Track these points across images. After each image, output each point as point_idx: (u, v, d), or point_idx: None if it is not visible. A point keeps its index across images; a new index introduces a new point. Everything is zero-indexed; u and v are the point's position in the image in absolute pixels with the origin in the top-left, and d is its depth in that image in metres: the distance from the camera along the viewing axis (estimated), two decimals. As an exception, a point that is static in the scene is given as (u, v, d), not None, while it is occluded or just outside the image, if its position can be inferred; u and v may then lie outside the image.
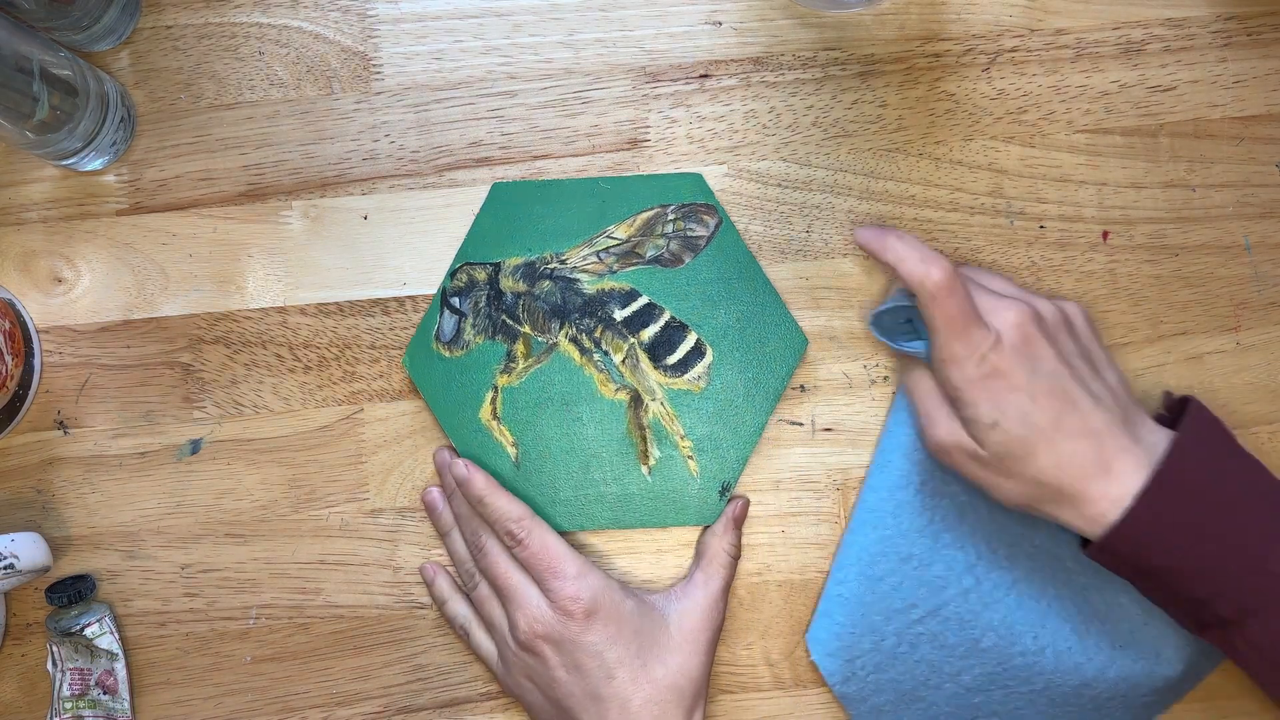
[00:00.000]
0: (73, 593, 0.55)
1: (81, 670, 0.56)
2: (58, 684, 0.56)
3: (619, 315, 0.57)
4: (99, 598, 0.58)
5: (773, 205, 0.58)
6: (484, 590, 0.55)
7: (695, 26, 0.59)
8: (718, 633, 0.54)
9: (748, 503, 0.57)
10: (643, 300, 0.57)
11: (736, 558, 0.56)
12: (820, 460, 0.58)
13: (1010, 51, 0.58)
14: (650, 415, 0.57)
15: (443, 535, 0.57)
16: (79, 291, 0.59)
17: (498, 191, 0.58)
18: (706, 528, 0.57)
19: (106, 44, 0.58)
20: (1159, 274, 0.58)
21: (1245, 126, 0.58)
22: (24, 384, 0.57)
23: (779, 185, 0.58)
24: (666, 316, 0.57)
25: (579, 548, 0.57)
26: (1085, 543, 0.51)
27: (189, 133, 0.59)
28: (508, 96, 0.59)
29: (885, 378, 0.58)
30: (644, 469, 0.57)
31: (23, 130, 0.53)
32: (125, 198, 0.59)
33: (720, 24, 0.59)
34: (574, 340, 0.57)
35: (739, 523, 0.57)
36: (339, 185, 0.59)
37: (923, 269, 0.50)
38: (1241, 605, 0.47)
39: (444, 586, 0.57)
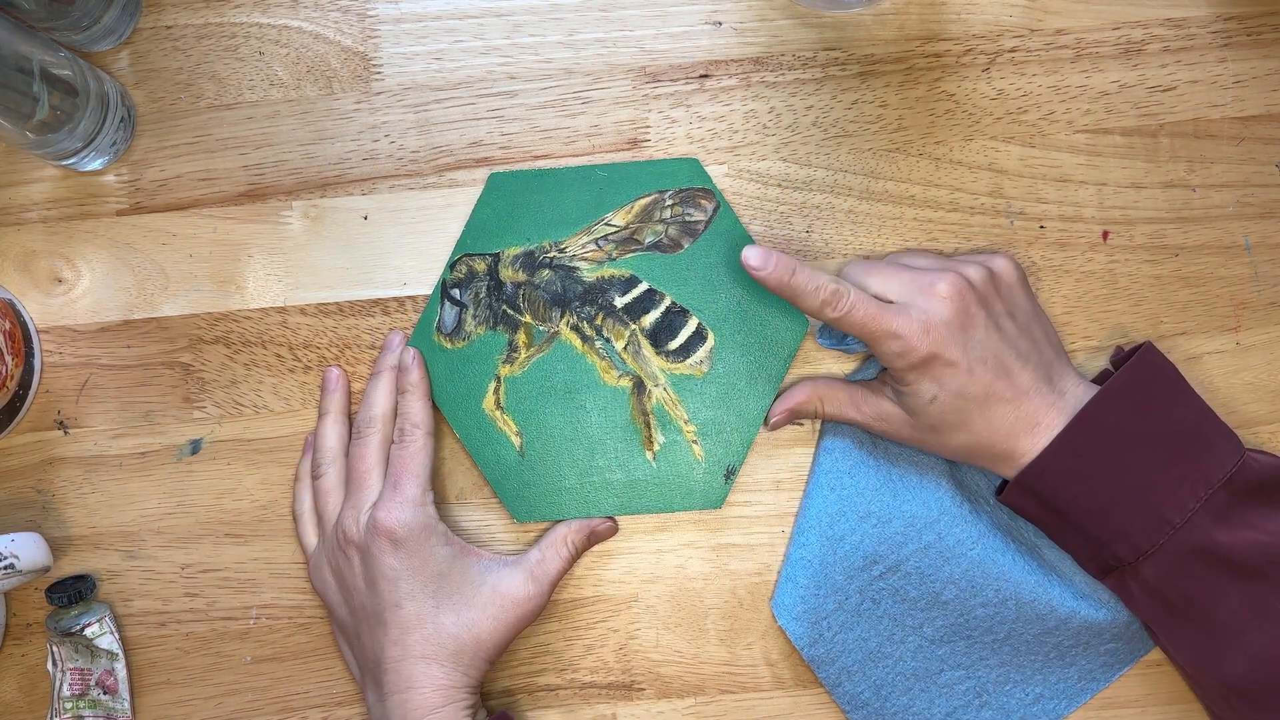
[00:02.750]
0: (73, 593, 0.55)
1: (81, 670, 0.56)
2: (58, 684, 0.56)
3: (620, 302, 0.57)
4: (99, 598, 0.58)
5: (773, 205, 0.58)
6: (328, 483, 0.56)
7: (695, 26, 0.59)
8: (529, 617, 0.54)
9: (613, 529, 0.57)
10: (643, 286, 0.57)
11: (575, 554, 0.56)
12: (820, 460, 0.58)
13: (1010, 51, 0.58)
14: (653, 401, 0.57)
15: (321, 415, 0.58)
16: (79, 291, 0.59)
17: (495, 182, 0.58)
18: (559, 521, 0.57)
19: (106, 44, 0.58)
20: (1159, 274, 0.58)
21: (1245, 126, 0.58)
22: (24, 384, 0.57)
23: (779, 185, 0.58)
24: (667, 302, 0.57)
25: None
26: (1000, 491, 0.53)
27: (189, 133, 0.59)
28: (508, 96, 0.59)
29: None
30: (649, 455, 0.57)
31: (23, 130, 0.53)
32: (125, 198, 0.59)
33: (720, 24, 0.59)
34: (575, 328, 0.57)
35: (594, 534, 0.56)
36: (339, 185, 0.59)
37: (816, 303, 0.51)
38: (1136, 547, 0.50)
39: (304, 468, 0.58)
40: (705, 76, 0.59)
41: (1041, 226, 0.58)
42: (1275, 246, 0.58)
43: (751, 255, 0.51)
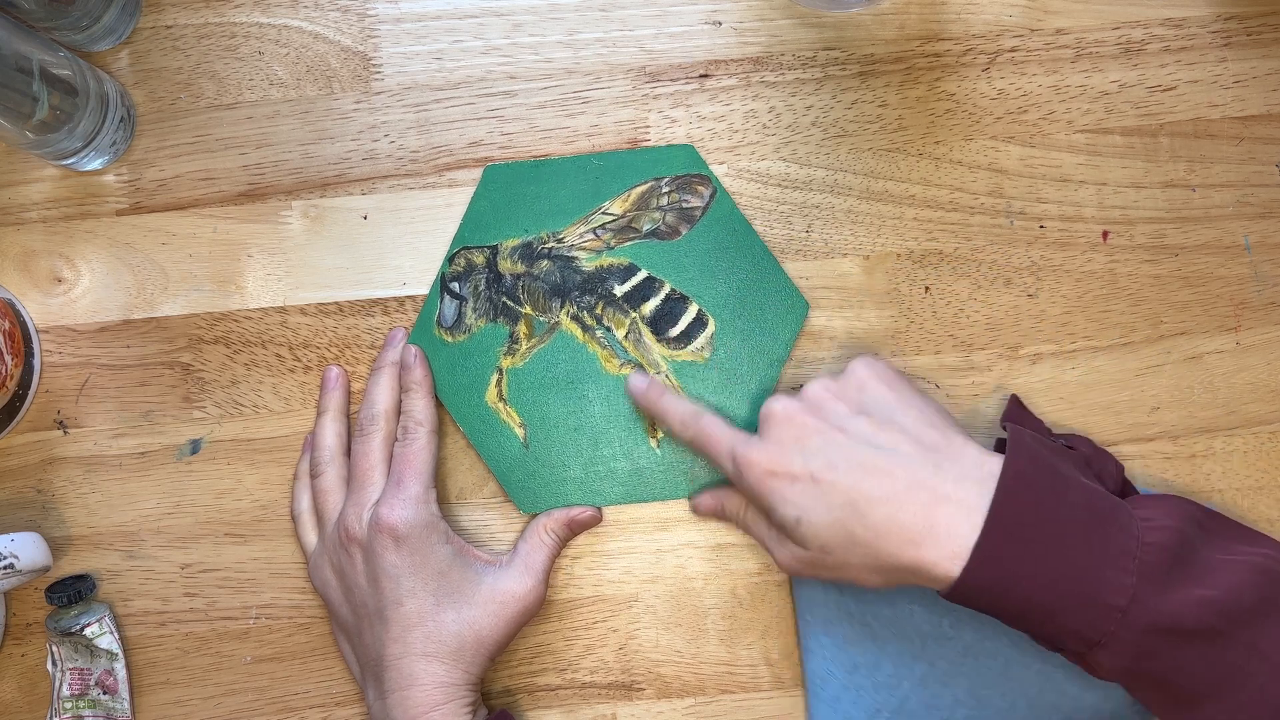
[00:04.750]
0: (73, 593, 0.55)
1: (81, 670, 0.56)
2: (58, 684, 0.56)
3: (619, 291, 0.57)
4: (99, 598, 0.58)
5: (773, 205, 0.58)
6: (326, 482, 0.56)
7: (695, 26, 0.59)
8: (529, 612, 0.54)
9: (595, 518, 0.57)
10: (642, 274, 0.57)
11: (559, 541, 0.56)
12: (820, 460, 0.58)
13: (1010, 51, 0.58)
14: None
15: (319, 413, 0.57)
16: (79, 291, 0.59)
17: (491, 174, 0.58)
18: (534, 515, 0.57)
19: (106, 44, 0.58)
20: (1159, 274, 0.58)
21: (1245, 126, 0.58)
22: (24, 384, 0.57)
23: (779, 185, 0.58)
24: (667, 289, 0.57)
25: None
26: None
27: (189, 133, 0.59)
28: (508, 96, 0.59)
29: (885, 378, 0.58)
30: (652, 442, 0.57)
31: (23, 130, 0.53)
32: (125, 198, 0.59)
33: (720, 24, 0.59)
34: (575, 318, 0.57)
35: (573, 522, 0.56)
36: (339, 185, 0.59)
37: (679, 420, 0.53)
38: (1085, 638, 0.46)
39: (303, 468, 0.58)
40: (705, 76, 0.59)
41: (1041, 226, 0.58)
42: (1275, 246, 0.58)
43: (633, 379, 0.56)
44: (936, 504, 0.46)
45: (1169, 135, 0.58)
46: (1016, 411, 0.55)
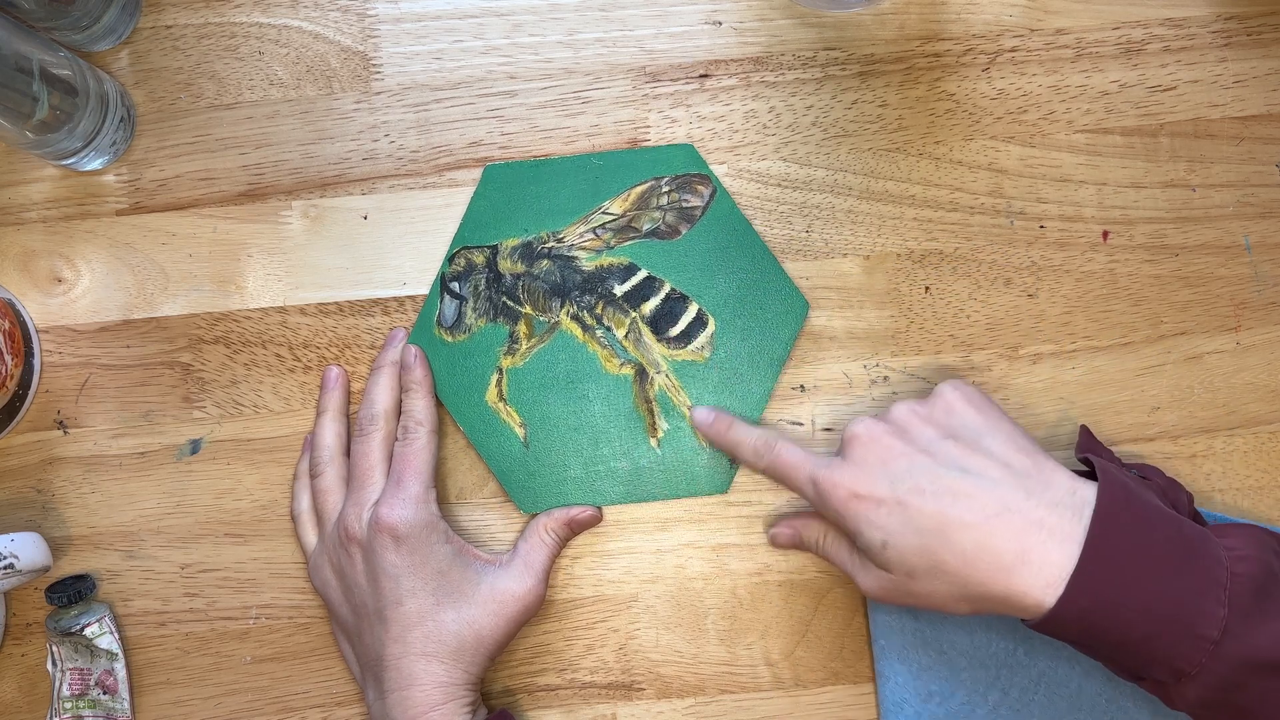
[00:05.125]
0: (73, 593, 0.55)
1: (81, 670, 0.56)
2: (58, 684, 0.56)
3: (619, 290, 0.57)
4: (99, 598, 0.58)
5: (773, 205, 0.58)
6: (326, 482, 0.56)
7: (695, 26, 0.59)
8: (528, 611, 0.54)
9: (595, 517, 0.57)
10: (642, 274, 0.57)
11: (559, 541, 0.56)
12: (820, 460, 0.58)
13: (1010, 51, 0.58)
14: (656, 388, 0.57)
15: (319, 413, 0.57)
16: (79, 291, 0.59)
17: (491, 173, 0.58)
18: (535, 515, 0.57)
19: (106, 44, 0.58)
20: (1159, 274, 0.58)
21: (1245, 126, 0.58)
22: (24, 384, 0.57)
23: (779, 185, 0.58)
24: (667, 289, 0.57)
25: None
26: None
27: (189, 133, 0.59)
28: (508, 96, 0.59)
29: (885, 378, 0.58)
30: (653, 442, 0.57)
31: (23, 130, 0.53)
32: (125, 198, 0.59)
33: (720, 24, 0.59)
34: (575, 318, 0.57)
35: (573, 522, 0.56)
36: (339, 185, 0.59)
37: (753, 450, 0.53)
38: (1174, 669, 0.45)
39: (303, 468, 0.58)
40: (705, 76, 0.59)
41: (1041, 226, 0.58)
42: (1275, 246, 0.58)
43: (699, 413, 0.56)
44: (1029, 531, 0.45)
45: (1169, 135, 0.58)
46: (1089, 442, 0.54)
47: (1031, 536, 0.45)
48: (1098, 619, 0.45)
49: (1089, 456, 0.50)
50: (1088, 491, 0.47)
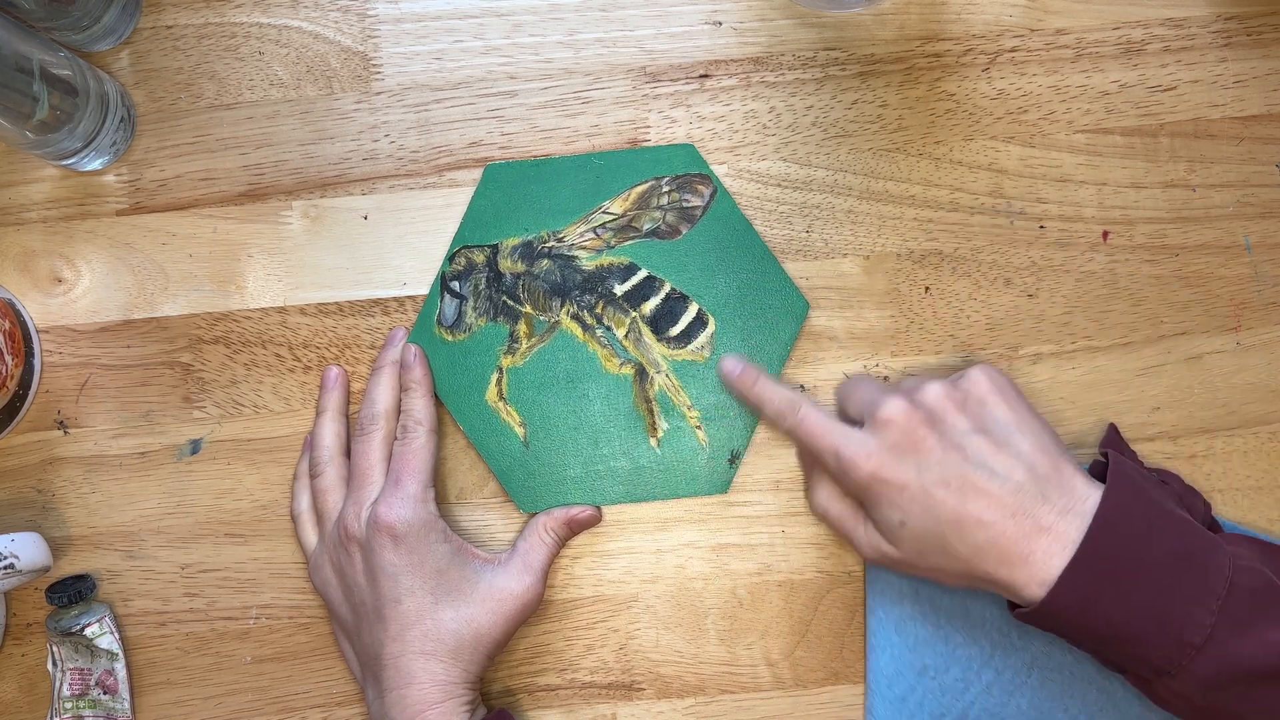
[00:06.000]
0: (73, 593, 0.55)
1: (81, 670, 0.56)
2: (58, 684, 0.56)
3: (619, 290, 0.57)
4: (99, 598, 0.58)
5: (773, 205, 0.58)
6: (326, 481, 0.56)
7: (695, 26, 0.59)
8: (527, 610, 0.54)
9: (595, 517, 0.57)
10: (642, 274, 0.57)
11: (558, 540, 0.56)
12: (820, 460, 0.58)
13: (1010, 51, 0.58)
14: (656, 388, 0.57)
15: (318, 413, 0.57)
16: (79, 291, 0.59)
17: (492, 173, 0.58)
18: (534, 514, 0.57)
19: (106, 44, 0.58)
20: (1159, 274, 0.58)
21: (1245, 126, 0.58)
22: (24, 384, 0.57)
23: (779, 185, 0.58)
24: (667, 288, 0.57)
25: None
26: (1013, 604, 0.50)
27: (189, 133, 0.59)
28: (508, 96, 0.59)
29: (885, 378, 0.58)
30: (653, 441, 0.57)
31: (23, 130, 0.53)
32: (125, 198, 0.59)
33: (720, 24, 0.59)
34: (576, 317, 0.57)
35: (573, 521, 0.56)
36: (339, 185, 0.59)
37: (772, 411, 0.53)
38: (1155, 667, 0.47)
39: (302, 468, 0.58)
40: (705, 76, 0.59)
41: (1041, 226, 0.58)
42: (1275, 246, 0.58)
43: (726, 362, 0.55)
44: (1037, 534, 0.47)
45: (1169, 135, 0.58)
46: (1115, 439, 0.55)
47: (1039, 540, 0.47)
48: (1082, 616, 0.47)
49: (1109, 451, 0.51)
50: (1099, 498, 0.48)
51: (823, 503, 0.54)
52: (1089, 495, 0.48)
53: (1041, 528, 0.47)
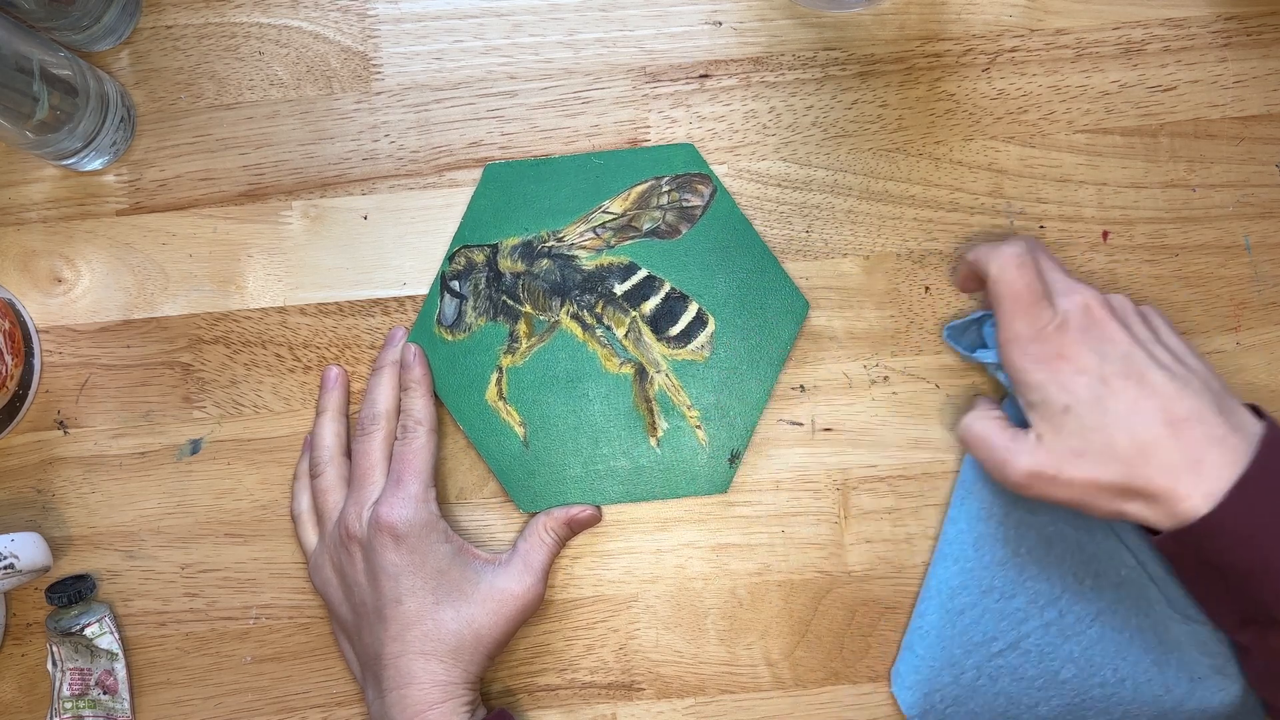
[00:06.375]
0: (73, 593, 0.55)
1: (81, 670, 0.56)
2: (58, 684, 0.56)
3: (619, 289, 0.57)
4: (99, 598, 0.58)
5: (773, 205, 0.58)
6: (326, 481, 0.56)
7: (695, 26, 0.59)
8: (527, 610, 0.54)
9: (595, 517, 0.57)
10: (642, 273, 0.57)
11: (559, 541, 0.56)
12: (820, 460, 0.58)
13: (1010, 51, 0.58)
14: (656, 387, 0.57)
15: (318, 413, 0.58)
16: (79, 291, 0.59)
17: (492, 172, 0.58)
18: (535, 513, 0.57)
19: (106, 44, 0.58)
20: (1159, 274, 0.58)
21: (1245, 126, 0.58)
22: (24, 384, 0.57)
23: (779, 185, 0.58)
24: (667, 288, 0.57)
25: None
26: (1152, 530, 0.48)
27: (189, 133, 0.59)
28: (508, 96, 0.59)
29: (885, 378, 0.58)
30: (652, 441, 0.57)
31: (23, 130, 0.53)
32: (125, 198, 0.59)
33: (720, 24, 0.59)
34: (575, 317, 0.57)
35: (573, 521, 0.56)
36: (339, 185, 0.59)
37: (996, 248, 0.51)
38: None
39: (303, 468, 0.58)
40: (705, 76, 0.59)
41: (1041, 226, 0.58)
42: (1275, 246, 0.58)
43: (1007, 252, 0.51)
44: (1211, 442, 0.46)
45: (1169, 135, 0.58)
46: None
47: (1212, 448, 0.46)
48: (1243, 538, 0.46)
49: (1257, 405, 0.51)
50: (1261, 426, 0.48)
51: (978, 426, 0.51)
52: (1252, 422, 0.48)
53: (1216, 437, 0.46)
